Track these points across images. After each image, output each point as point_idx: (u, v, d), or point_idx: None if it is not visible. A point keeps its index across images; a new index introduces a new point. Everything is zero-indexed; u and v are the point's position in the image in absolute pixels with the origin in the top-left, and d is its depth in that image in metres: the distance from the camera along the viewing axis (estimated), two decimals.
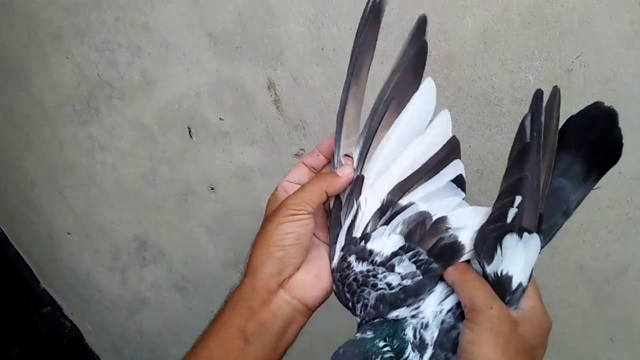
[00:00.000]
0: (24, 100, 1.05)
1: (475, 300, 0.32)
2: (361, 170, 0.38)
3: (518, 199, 0.33)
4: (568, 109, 0.38)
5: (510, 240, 0.33)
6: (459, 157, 0.38)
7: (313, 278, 0.39)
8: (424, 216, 0.37)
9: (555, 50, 0.58)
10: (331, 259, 0.39)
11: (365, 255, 0.37)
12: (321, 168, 0.42)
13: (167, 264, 1.14)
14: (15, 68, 1.02)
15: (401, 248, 0.36)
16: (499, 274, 0.33)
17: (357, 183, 0.38)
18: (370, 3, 0.38)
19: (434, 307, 0.35)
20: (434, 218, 0.37)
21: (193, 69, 0.85)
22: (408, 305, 0.35)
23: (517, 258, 0.33)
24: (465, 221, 0.36)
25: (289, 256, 0.37)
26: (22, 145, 1.13)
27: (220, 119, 0.88)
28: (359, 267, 0.37)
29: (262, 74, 0.80)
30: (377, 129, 0.37)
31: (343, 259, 0.38)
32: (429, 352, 0.34)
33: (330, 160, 0.40)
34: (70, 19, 0.89)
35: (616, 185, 0.62)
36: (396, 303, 0.35)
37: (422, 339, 0.34)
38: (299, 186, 0.40)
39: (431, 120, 0.37)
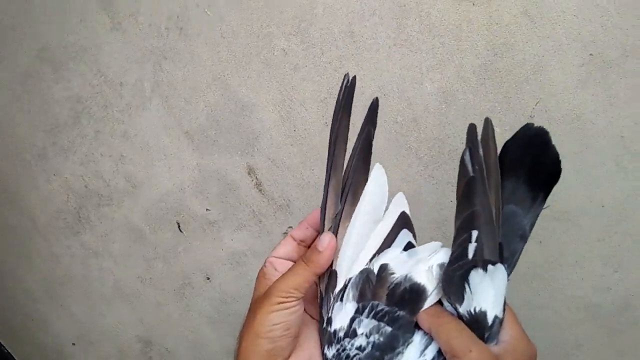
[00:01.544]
0: (16, 219, 0.97)
1: (453, 346, 0.29)
2: (333, 265, 0.34)
3: (475, 233, 0.29)
4: None
5: (475, 276, 0.29)
6: (408, 228, 0.34)
7: None
8: (366, 272, 0.33)
9: (514, 100, 0.54)
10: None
11: (331, 338, 0.33)
12: (311, 241, 0.36)
13: None
14: (5, 189, 0.95)
15: (356, 311, 0.32)
16: (472, 311, 0.30)
17: (331, 278, 0.34)
18: (343, 86, 0.34)
19: (415, 359, 0.31)
20: (375, 270, 0.33)
21: (175, 167, 0.79)
22: None
23: (487, 292, 0.30)
24: (408, 265, 0.32)
25: (278, 348, 0.32)
26: (19, 262, 1.03)
27: (207, 209, 0.81)
28: (330, 352, 0.32)
29: (241, 161, 0.75)
30: (339, 222, 0.34)
31: (323, 356, 0.33)
32: None
33: (319, 233, 0.35)
34: (52, 139, 0.84)
35: (601, 218, 0.56)
36: None
37: None
38: (288, 261, 0.35)
39: (387, 204, 0.34)
